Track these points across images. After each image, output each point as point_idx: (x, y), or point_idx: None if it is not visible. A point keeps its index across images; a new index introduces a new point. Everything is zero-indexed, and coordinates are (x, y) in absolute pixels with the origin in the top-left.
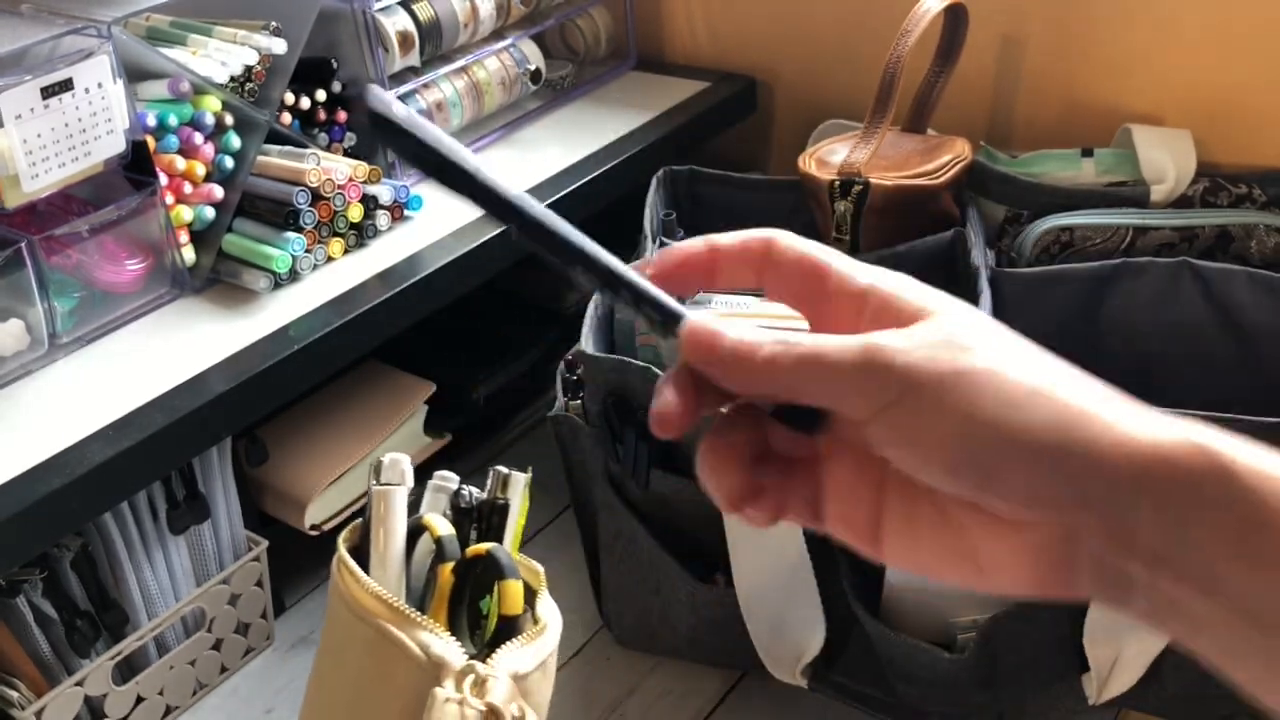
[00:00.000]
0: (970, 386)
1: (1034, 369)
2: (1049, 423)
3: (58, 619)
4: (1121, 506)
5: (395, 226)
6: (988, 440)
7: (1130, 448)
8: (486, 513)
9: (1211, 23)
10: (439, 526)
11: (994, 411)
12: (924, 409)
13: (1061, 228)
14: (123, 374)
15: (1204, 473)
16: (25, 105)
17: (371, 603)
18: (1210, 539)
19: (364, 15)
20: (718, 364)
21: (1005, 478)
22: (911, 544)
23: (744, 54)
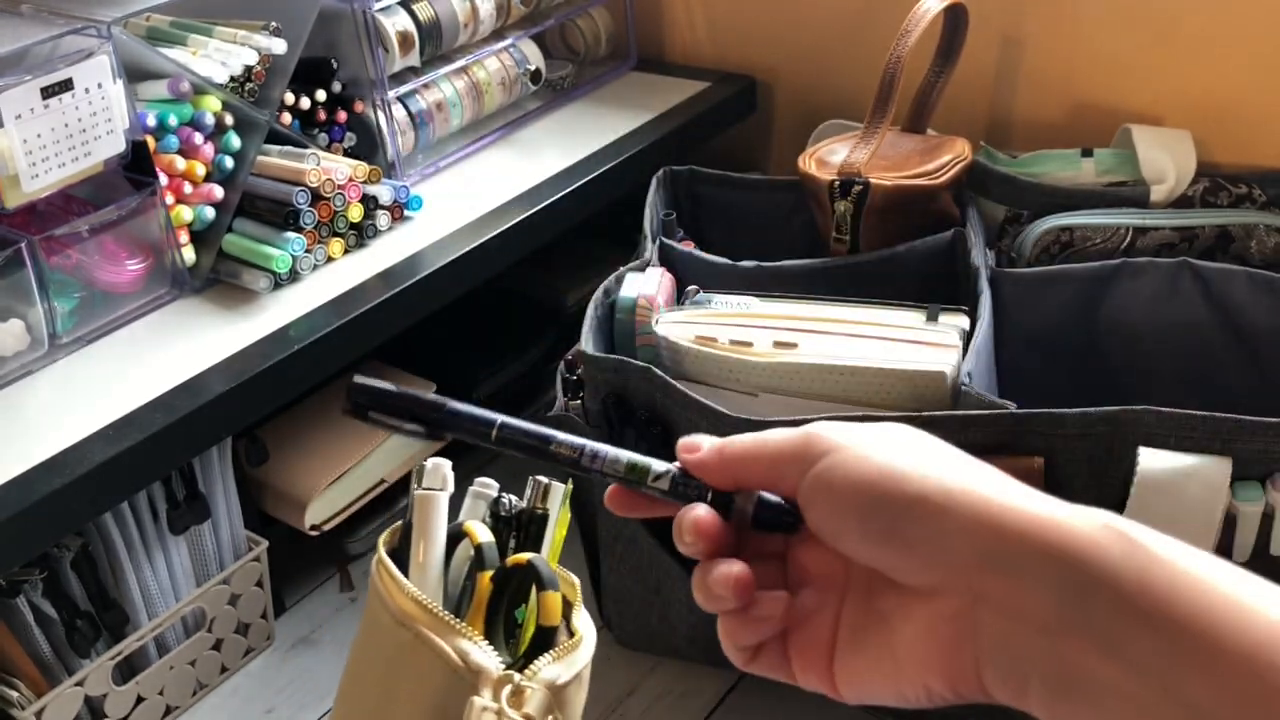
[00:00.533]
0: (891, 444)
1: (946, 449)
2: (961, 482)
3: (58, 619)
4: (1024, 568)
5: (395, 226)
6: (900, 487)
7: (1039, 514)
8: (525, 522)
9: (1211, 23)
10: (479, 533)
11: (901, 466)
12: (837, 466)
13: (1061, 228)
14: (123, 374)
15: (1110, 541)
16: (25, 105)
17: (410, 606)
18: (1113, 601)
19: (364, 15)
20: (695, 462)
21: (906, 527)
22: (855, 658)
23: (744, 54)
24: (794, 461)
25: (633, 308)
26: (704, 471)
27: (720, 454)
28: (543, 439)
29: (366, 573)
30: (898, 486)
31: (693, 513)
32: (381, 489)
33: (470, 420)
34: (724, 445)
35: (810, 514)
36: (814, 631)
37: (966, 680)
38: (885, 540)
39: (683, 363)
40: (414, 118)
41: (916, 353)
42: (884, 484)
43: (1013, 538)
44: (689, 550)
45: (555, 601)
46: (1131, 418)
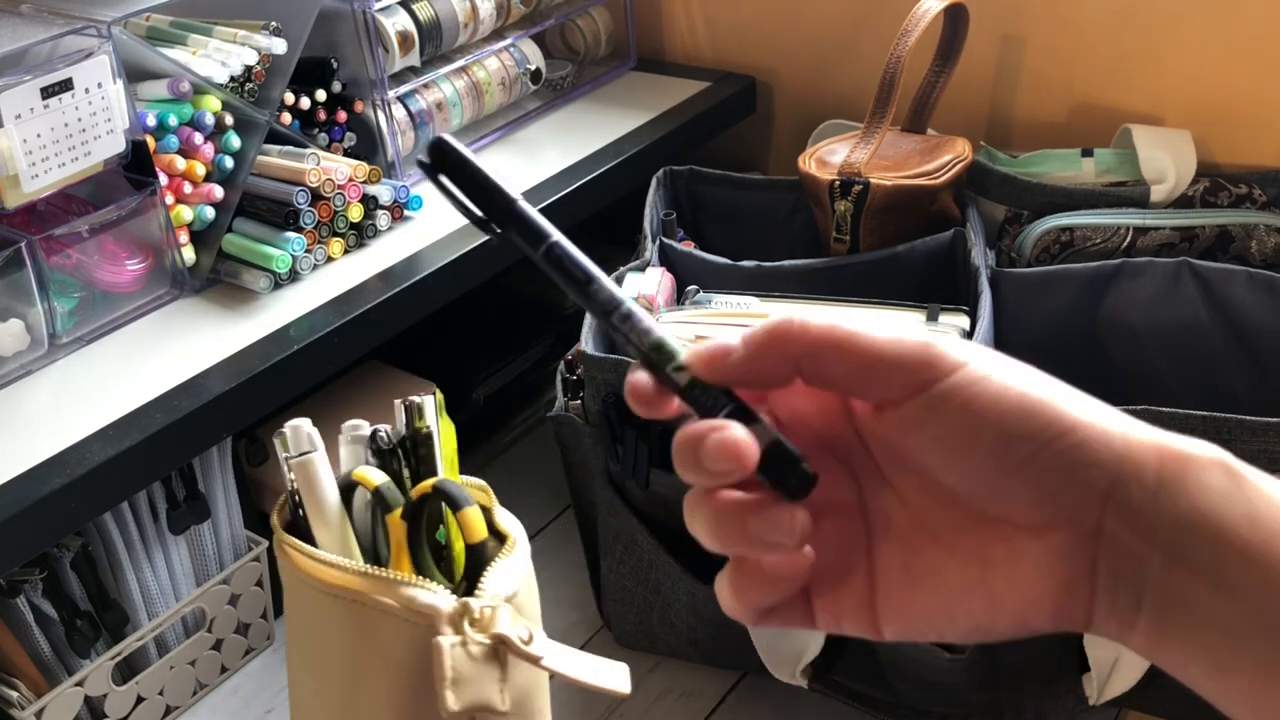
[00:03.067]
0: (1022, 371)
1: (1078, 392)
2: (1096, 416)
3: (58, 619)
4: (1145, 504)
5: (395, 226)
6: (1053, 416)
7: (1153, 439)
8: (411, 447)
9: (1212, 23)
10: (373, 477)
11: (1055, 395)
12: (979, 383)
13: (1061, 228)
14: (123, 374)
15: (1215, 468)
16: (25, 105)
17: (335, 575)
18: (1220, 534)
19: (364, 15)
20: (731, 369)
21: (1048, 458)
22: (910, 596)
23: (744, 54)
24: (908, 369)
25: None
26: (755, 357)
27: (782, 341)
28: (586, 275)
29: None
30: (1050, 415)
31: (724, 433)
32: None
33: (528, 225)
34: (798, 326)
35: (934, 426)
36: (846, 577)
37: (1075, 615)
38: (1019, 470)
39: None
40: (414, 118)
41: None
42: (1037, 411)
43: (1143, 469)
44: (707, 478)
45: (476, 517)
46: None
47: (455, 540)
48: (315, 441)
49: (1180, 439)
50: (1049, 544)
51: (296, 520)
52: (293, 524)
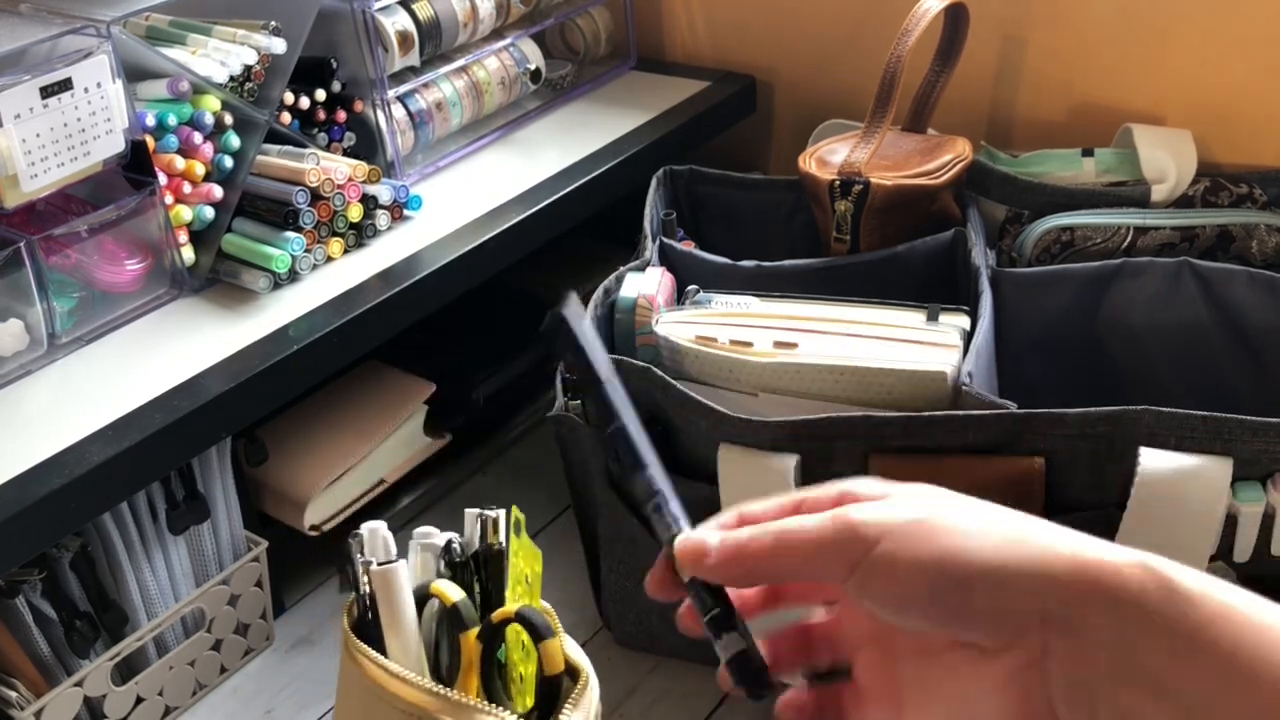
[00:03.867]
0: (932, 528)
1: (982, 509)
2: (1003, 547)
3: (57, 619)
4: (1077, 620)
5: (395, 226)
6: (956, 569)
7: (1079, 562)
8: (482, 561)
9: (1212, 23)
10: (450, 593)
11: (957, 544)
12: (896, 554)
13: (1062, 228)
14: (122, 374)
15: (1148, 584)
16: (25, 105)
17: (409, 692)
18: (1156, 648)
19: (364, 15)
20: (708, 571)
21: (975, 602)
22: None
23: (744, 54)
24: (837, 551)
25: (633, 308)
26: (722, 577)
27: (738, 556)
28: (636, 461)
29: None
30: (962, 565)
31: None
32: (381, 489)
33: (605, 403)
34: (740, 546)
35: (869, 599)
36: (880, 694)
37: (1042, 718)
38: (954, 617)
39: (683, 363)
40: (414, 117)
41: (917, 353)
42: (948, 565)
43: (1069, 595)
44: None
45: (557, 649)
46: (1132, 418)
47: (518, 663)
48: (391, 548)
49: (1103, 550)
50: (1002, 664)
51: (365, 624)
52: (360, 627)
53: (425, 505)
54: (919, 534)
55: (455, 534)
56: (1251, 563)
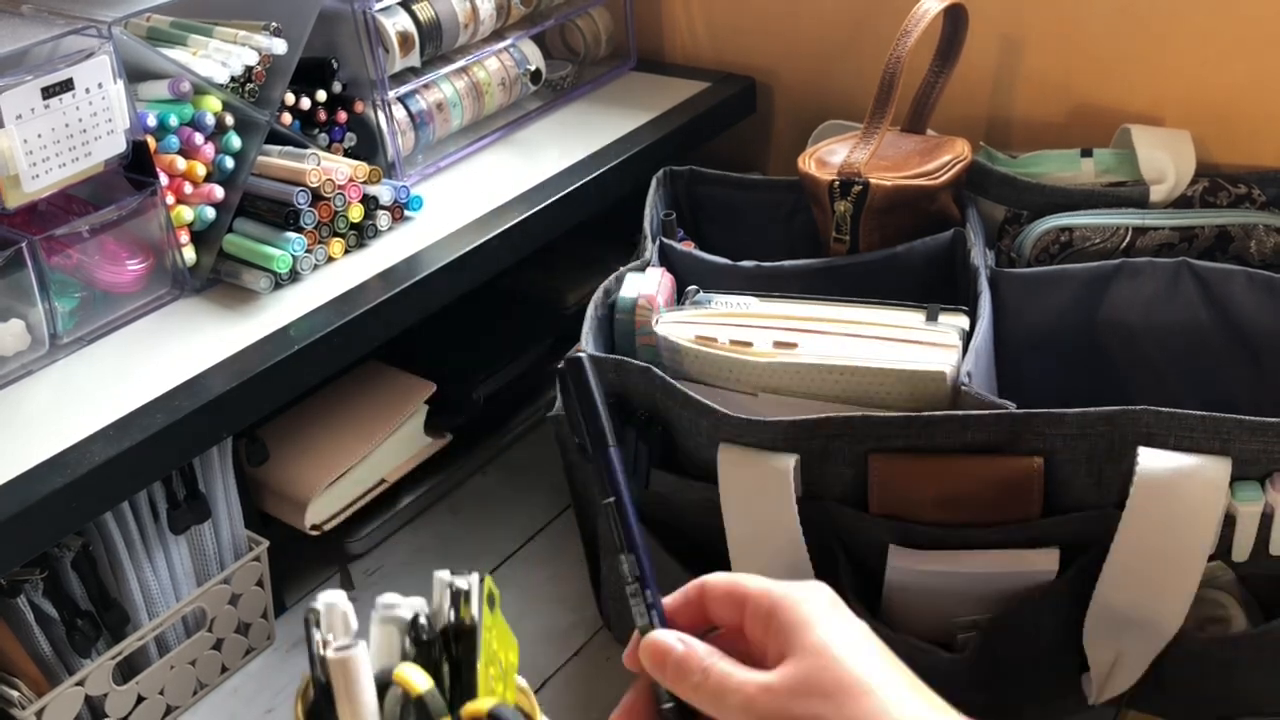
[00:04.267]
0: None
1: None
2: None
3: (58, 619)
4: None
5: (395, 227)
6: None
7: None
8: (452, 637)
9: (1211, 23)
10: (417, 682)
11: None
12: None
13: (1061, 228)
14: (123, 374)
15: None
16: (26, 105)
17: None
18: None
19: (364, 16)
20: (659, 673)
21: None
22: None
23: (744, 54)
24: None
25: (633, 308)
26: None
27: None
28: (626, 544)
29: (367, 572)
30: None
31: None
32: (381, 489)
33: (608, 471)
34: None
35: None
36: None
37: None
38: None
39: (683, 363)
40: (414, 118)
41: (916, 353)
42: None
43: None
44: None
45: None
46: (1131, 418)
47: None
48: (351, 623)
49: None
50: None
51: (319, 711)
52: (314, 714)
53: (425, 505)
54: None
55: (422, 602)
56: (1250, 562)
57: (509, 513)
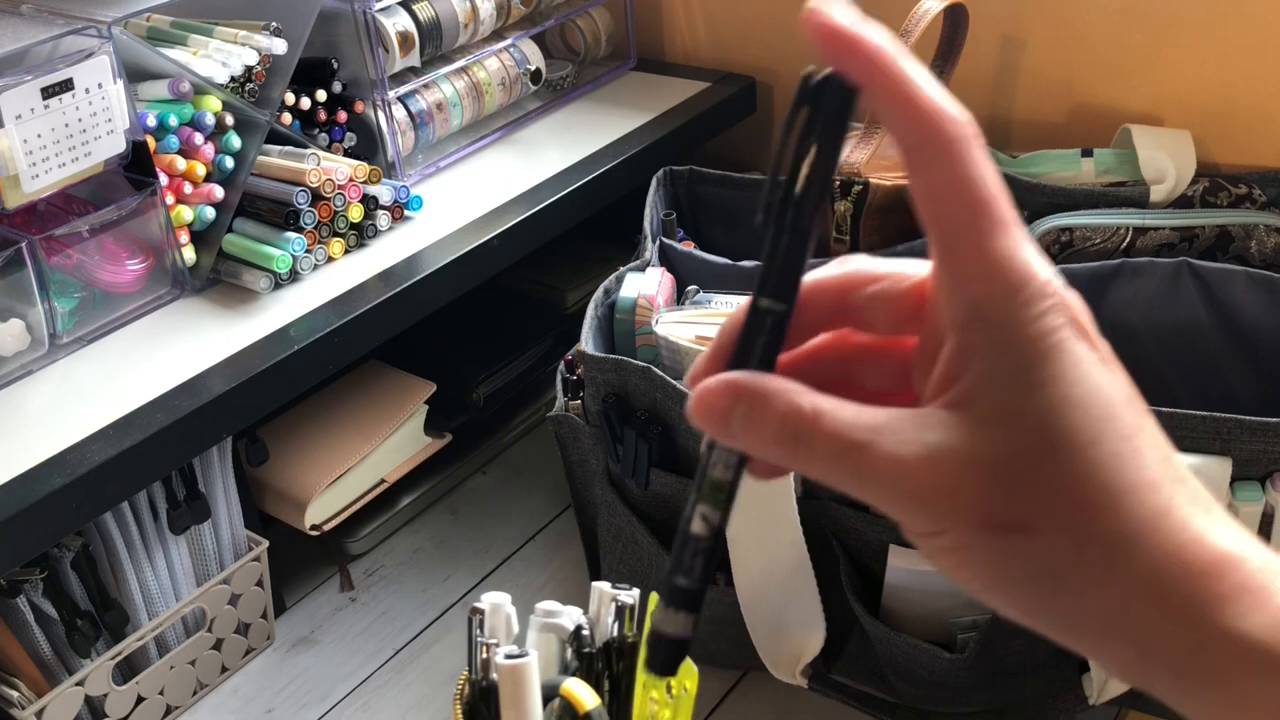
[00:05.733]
0: (1061, 529)
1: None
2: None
3: (58, 619)
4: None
5: (395, 227)
6: (1068, 605)
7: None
8: (615, 654)
9: (1211, 23)
10: (584, 699)
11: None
12: (1009, 551)
13: (1061, 228)
14: (123, 374)
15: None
16: (25, 105)
17: None
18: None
19: (364, 15)
20: (720, 425)
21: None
22: None
23: (744, 54)
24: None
25: (633, 308)
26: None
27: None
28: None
29: (367, 572)
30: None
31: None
32: (381, 489)
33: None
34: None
35: (942, 569)
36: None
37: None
38: (1058, 637)
39: (683, 363)
40: (414, 118)
41: None
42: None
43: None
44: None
45: None
46: None
47: None
48: (514, 627)
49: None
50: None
51: (478, 711)
52: (472, 714)
53: (425, 505)
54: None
55: (579, 612)
56: None
57: (509, 513)
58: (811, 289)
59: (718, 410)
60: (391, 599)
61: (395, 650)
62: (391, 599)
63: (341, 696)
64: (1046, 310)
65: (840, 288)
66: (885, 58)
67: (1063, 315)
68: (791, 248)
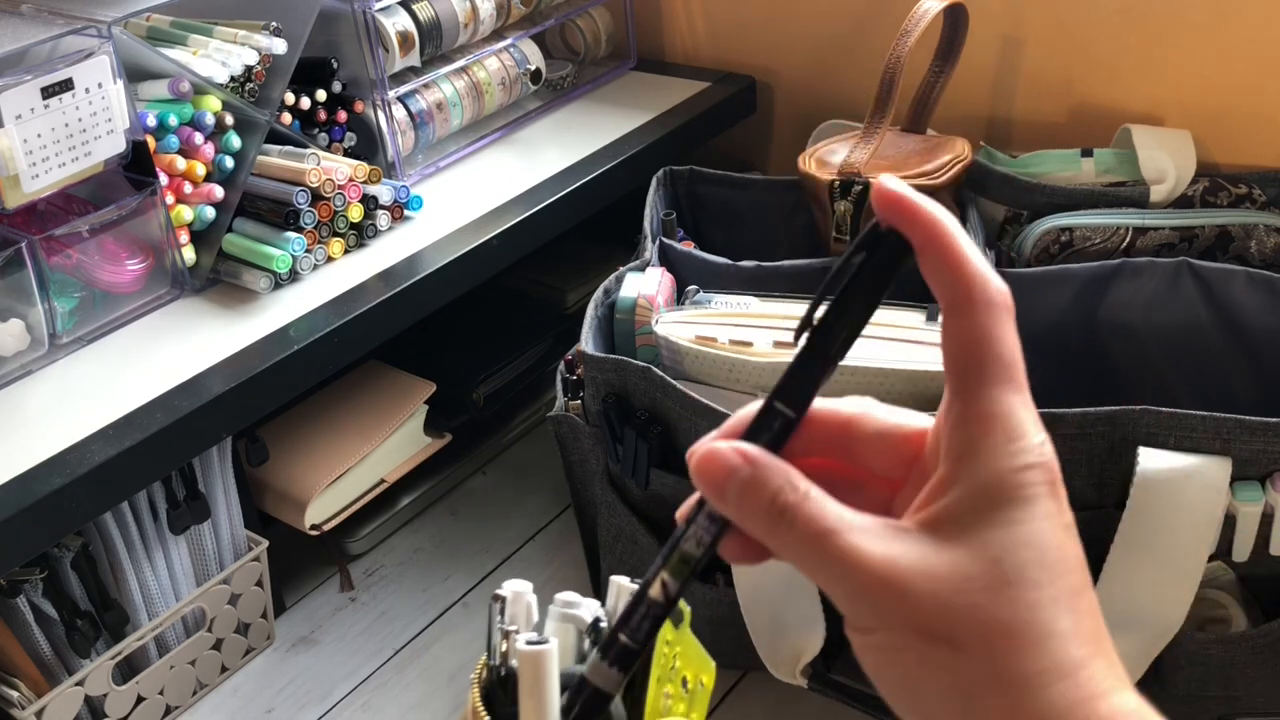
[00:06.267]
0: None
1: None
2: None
3: (58, 619)
4: None
5: (395, 226)
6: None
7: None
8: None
9: (1211, 23)
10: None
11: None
12: (933, 661)
13: (1061, 228)
14: (123, 374)
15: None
16: (25, 105)
17: None
18: None
19: (364, 15)
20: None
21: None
22: None
23: (744, 54)
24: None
25: (633, 308)
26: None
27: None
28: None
29: (367, 572)
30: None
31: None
32: (381, 489)
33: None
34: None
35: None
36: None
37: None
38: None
39: (683, 363)
40: (414, 118)
41: (916, 352)
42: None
43: None
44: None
45: None
46: (1131, 418)
47: None
48: (534, 616)
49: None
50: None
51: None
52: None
53: (425, 505)
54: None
55: (597, 604)
56: (1250, 562)
57: (509, 513)
58: (818, 414)
59: (721, 471)
60: (391, 599)
61: (395, 650)
62: (391, 599)
63: (341, 696)
64: (1031, 465)
65: (845, 422)
66: (943, 225)
67: (1044, 474)
68: (815, 367)
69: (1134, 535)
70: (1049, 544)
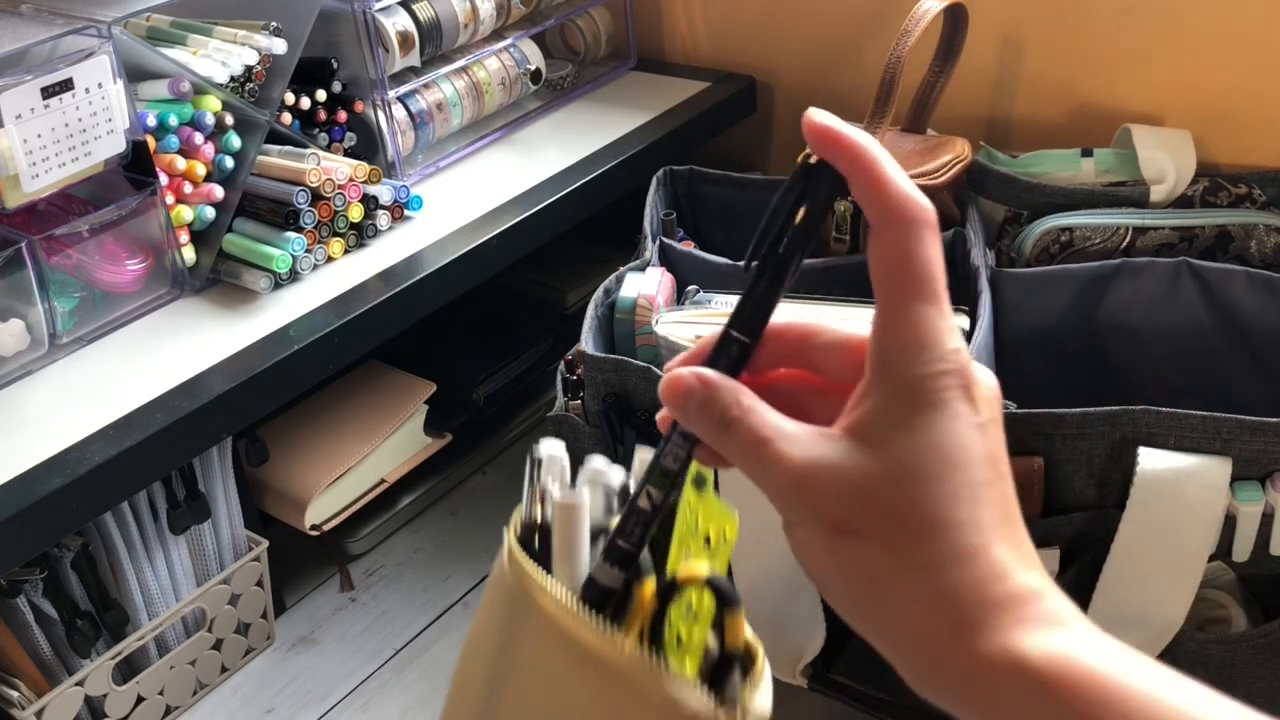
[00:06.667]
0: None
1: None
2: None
3: (58, 619)
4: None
5: (395, 226)
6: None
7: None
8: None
9: (1211, 23)
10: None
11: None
12: (843, 552)
13: (1061, 228)
14: (123, 374)
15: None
16: (25, 105)
17: (597, 642)
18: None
19: (364, 15)
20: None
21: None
22: None
23: (744, 54)
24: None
25: (633, 308)
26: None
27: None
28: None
29: (367, 572)
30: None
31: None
32: (381, 489)
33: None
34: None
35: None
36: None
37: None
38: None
39: None
40: (414, 118)
41: None
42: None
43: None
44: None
45: (742, 623)
46: (1131, 418)
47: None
48: (567, 478)
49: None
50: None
51: (529, 545)
52: (525, 544)
53: (425, 505)
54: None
55: (625, 471)
56: (1250, 562)
57: (509, 513)
58: (779, 330)
59: (681, 392)
60: (391, 599)
61: (395, 650)
62: (391, 599)
63: (341, 696)
64: (942, 372)
65: (802, 334)
66: (864, 151)
67: (956, 380)
68: (765, 294)
69: (1134, 535)
70: (953, 442)
